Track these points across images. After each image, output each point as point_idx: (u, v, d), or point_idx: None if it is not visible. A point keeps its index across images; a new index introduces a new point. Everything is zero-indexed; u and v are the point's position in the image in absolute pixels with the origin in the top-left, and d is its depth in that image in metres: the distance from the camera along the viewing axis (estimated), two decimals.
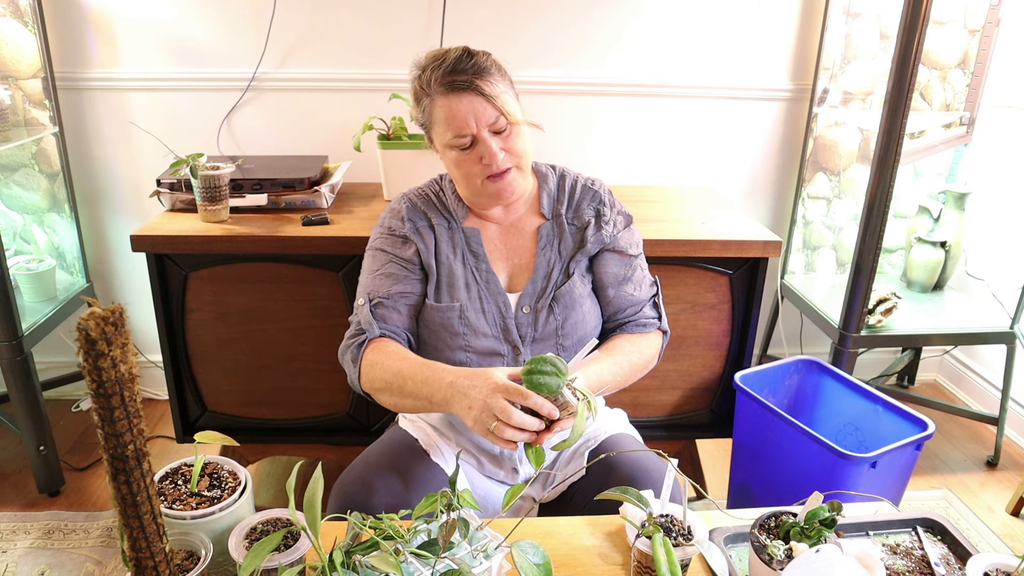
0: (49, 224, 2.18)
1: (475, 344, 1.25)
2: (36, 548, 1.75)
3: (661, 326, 1.34)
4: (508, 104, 1.19)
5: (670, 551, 0.80)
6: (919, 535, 1.01)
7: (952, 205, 2.19)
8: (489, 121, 1.18)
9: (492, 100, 1.17)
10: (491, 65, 1.21)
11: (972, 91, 2.25)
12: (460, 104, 1.17)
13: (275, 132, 2.19)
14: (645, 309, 1.32)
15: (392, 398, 1.16)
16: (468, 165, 1.21)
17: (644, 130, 2.26)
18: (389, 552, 0.76)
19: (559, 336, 1.26)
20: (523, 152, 1.22)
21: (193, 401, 1.84)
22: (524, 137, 1.22)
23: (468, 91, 1.17)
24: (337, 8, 2.08)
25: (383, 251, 1.28)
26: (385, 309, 1.23)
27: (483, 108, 1.17)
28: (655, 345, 1.33)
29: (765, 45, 2.20)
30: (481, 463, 1.29)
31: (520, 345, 1.26)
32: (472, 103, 1.17)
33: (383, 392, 1.17)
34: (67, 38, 2.06)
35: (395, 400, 1.16)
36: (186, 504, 0.88)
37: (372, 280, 1.27)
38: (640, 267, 1.34)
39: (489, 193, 1.23)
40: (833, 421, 1.77)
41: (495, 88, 1.18)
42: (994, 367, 2.37)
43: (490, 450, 1.28)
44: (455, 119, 1.18)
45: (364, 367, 1.19)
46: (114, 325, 0.58)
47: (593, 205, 1.32)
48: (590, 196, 1.33)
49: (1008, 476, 2.16)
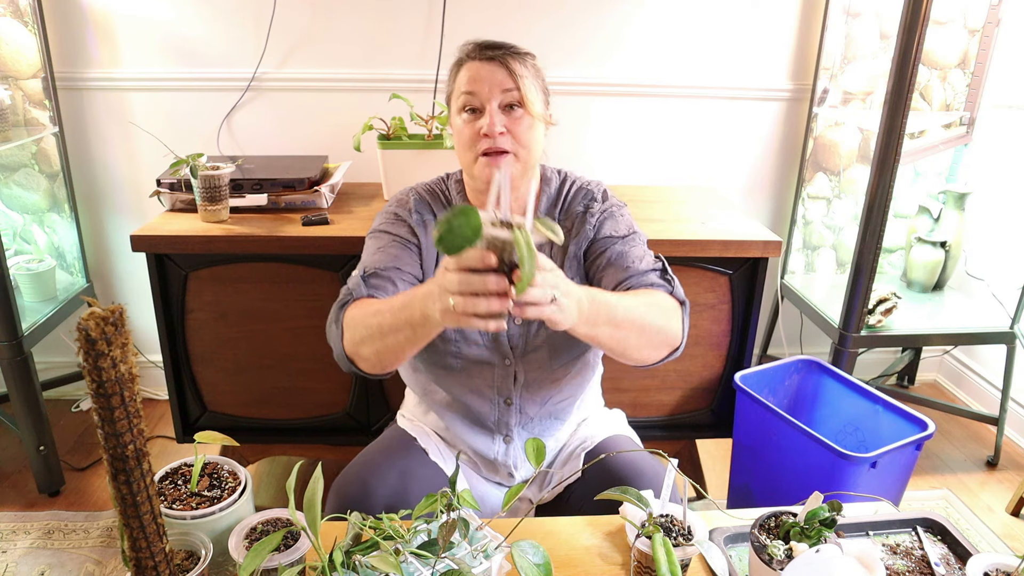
0: (49, 224, 2.18)
1: (465, 352, 1.22)
2: (36, 548, 1.75)
3: (675, 293, 1.18)
4: (529, 90, 1.17)
5: (670, 551, 0.80)
6: (919, 535, 1.01)
7: (952, 205, 2.19)
8: (503, 88, 1.16)
9: (515, 76, 1.16)
10: (528, 57, 1.21)
11: (972, 91, 2.25)
12: (482, 69, 1.17)
13: (275, 132, 2.19)
14: (649, 276, 1.19)
15: (374, 344, 1.06)
16: (469, 132, 1.18)
17: (644, 130, 2.26)
18: (389, 552, 0.76)
19: (550, 348, 1.22)
20: (528, 143, 1.18)
21: (193, 401, 1.84)
22: (535, 131, 1.19)
23: (495, 61, 1.17)
24: (337, 8, 2.08)
25: (386, 232, 1.24)
26: (379, 279, 1.17)
27: (503, 78, 1.16)
28: (669, 303, 1.15)
29: (765, 45, 2.20)
30: (478, 466, 1.29)
31: (511, 356, 1.22)
32: (494, 71, 1.16)
33: (365, 343, 1.07)
34: (67, 38, 2.06)
35: (377, 345, 1.06)
36: (186, 504, 0.88)
37: (370, 256, 1.22)
38: (637, 244, 1.24)
39: (481, 173, 1.18)
40: (833, 421, 1.77)
41: (522, 70, 1.17)
42: (994, 367, 2.37)
43: (485, 455, 1.28)
44: (472, 79, 1.17)
45: (346, 323, 1.11)
46: (114, 325, 0.58)
47: (584, 202, 1.28)
48: (583, 195, 1.29)
49: (1008, 476, 2.16)
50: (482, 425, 1.26)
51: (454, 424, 1.27)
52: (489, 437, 1.27)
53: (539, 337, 1.22)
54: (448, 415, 1.27)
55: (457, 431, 1.27)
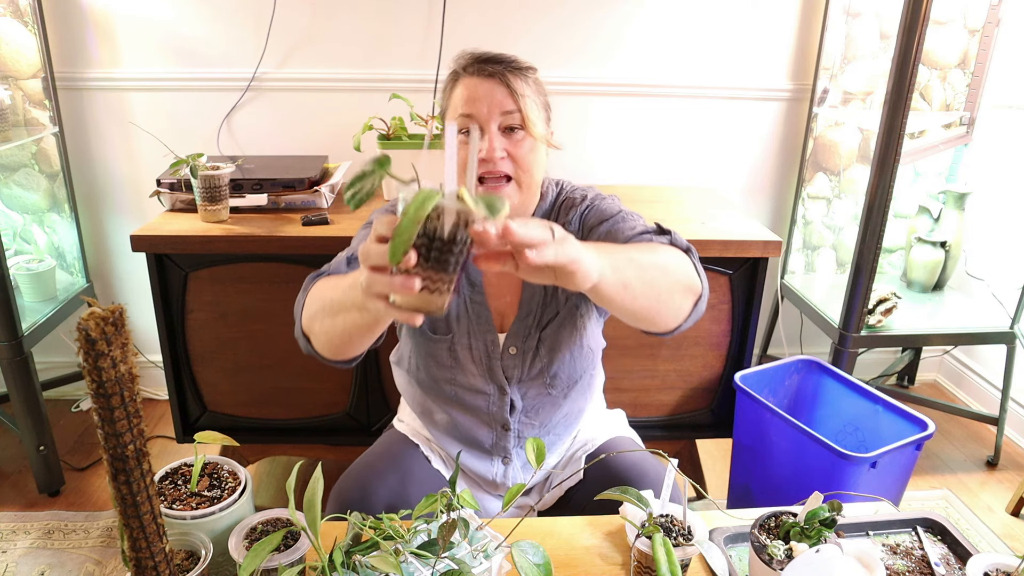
0: (49, 224, 2.18)
1: (460, 379, 1.21)
2: (36, 548, 1.75)
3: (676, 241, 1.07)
4: (532, 110, 1.10)
5: (670, 551, 0.80)
6: (919, 535, 1.01)
7: (952, 205, 2.19)
8: (503, 110, 1.09)
9: (515, 96, 1.09)
10: (530, 72, 1.14)
11: (972, 91, 2.25)
12: (481, 86, 1.09)
13: (275, 132, 2.19)
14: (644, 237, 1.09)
15: (324, 321, 0.99)
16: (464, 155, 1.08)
17: (644, 130, 2.26)
18: (389, 552, 0.76)
19: (546, 377, 1.21)
20: (528, 166, 1.11)
21: (193, 401, 1.84)
22: (537, 153, 1.12)
23: (494, 78, 1.09)
24: (337, 8, 2.08)
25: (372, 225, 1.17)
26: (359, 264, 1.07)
27: (503, 98, 1.09)
28: (680, 255, 1.02)
29: (765, 45, 2.20)
30: (477, 484, 1.28)
31: (506, 386, 1.20)
32: (493, 90, 1.09)
33: (316, 318, 1.00)
34: (67, 38, 2.06)
35: (327, 324, 0.98)
36: (186, 504, 0.88)
37: (357, 243, 1.16)
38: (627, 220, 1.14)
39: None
40: (833, 421, 1.77)
41: (523, 88, 1.11)
42: (994, 367, 2.37)
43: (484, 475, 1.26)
44: (470, 99, 1.09)
45: (308, 298, 1.05)
46: (114, 325, 0.58)
47: (568, 207, 1.21)
48: (571, 202, 1.21)
49: (1008, 476, 2.16)
50: (480, 448, 1.25)
51: (452, 447, 1.26)
52: (488, 459, 1.26)
53: (536, 366, 1.20)
54: (445, 438, 1.26)
55: (454, 453, 1.26)
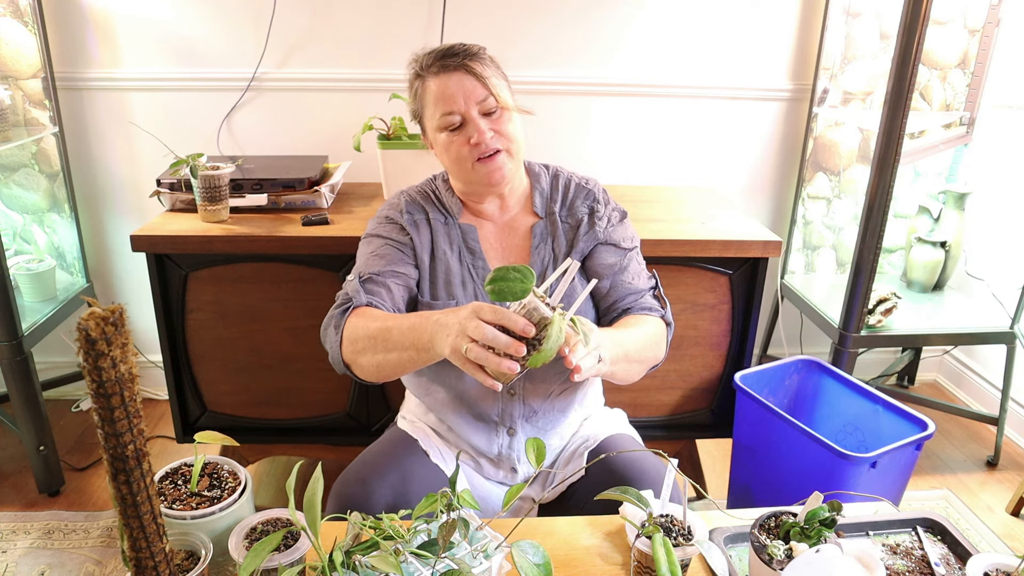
0: (49, 224, 2.18)
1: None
2: (36, 548, 1.75)
3: (665, 317, 1.30)
4: (499, 88, 1.21)
5: (670, 551, 0.80)
6: (919, 535, 1.01)
7: (952, 205, 2.19)
8: (478, 99, 1.19)
9: (483, 80, 1.19)
10: (483, 53, 1.24)
11: (972, 91, 2.25)
12: (450, 82, 1.19)
13: (275, 132, 2.19)
14: (646, 298, 1.30)
15: (376, 356, 1.10)
16: (457, 147, 1.21)
17: (644, 130, 2.26)
18: (389, 552, 0.76)
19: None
20: (513, 137, 1.22)
21: (193, 401, 1.84)
22: (515, 123, 1.23)
23: (458, 70, 1.20)
24: (337, 8, 2.08)
25: (378, 236, 1.28)
26: (375, 284, 1.21)
27: (473, 87, 1.19)
28: (661, 331, 1.28)
29: (765, 45, 2.20)
30: (480, 464, 1.29)
31: None
32: (462, 81, 1.19)
33: (365, 352, 1.11)
34: (67, 38, 2.06)
35: (379, 358, 1.10)
36: (186, 504, 0.88)
37: (365, 261, 1.25)
38: (636, 260, 1.33)
39: (480, 178, 1.22)
40: (833, 421, 1.77)
41: (486, 71, 1.20)
42: (994, 367, 2.37)
43: (488, 451, 1.28)
44: (444, 97, 1.19)
45: (347, 330, 1.14)
46: (114, 325, 0.58)
47: (587, 203, 1.32)
48: (584, 194, 1.33)
49: (1008, 476, 2.16)
50: (485, 419, 1.26)
51: (456, 422, 1.27)
52: (492, 431, 1.26)
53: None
54: (450, 414, 1.27)
55: (459, 429, 1.27)
